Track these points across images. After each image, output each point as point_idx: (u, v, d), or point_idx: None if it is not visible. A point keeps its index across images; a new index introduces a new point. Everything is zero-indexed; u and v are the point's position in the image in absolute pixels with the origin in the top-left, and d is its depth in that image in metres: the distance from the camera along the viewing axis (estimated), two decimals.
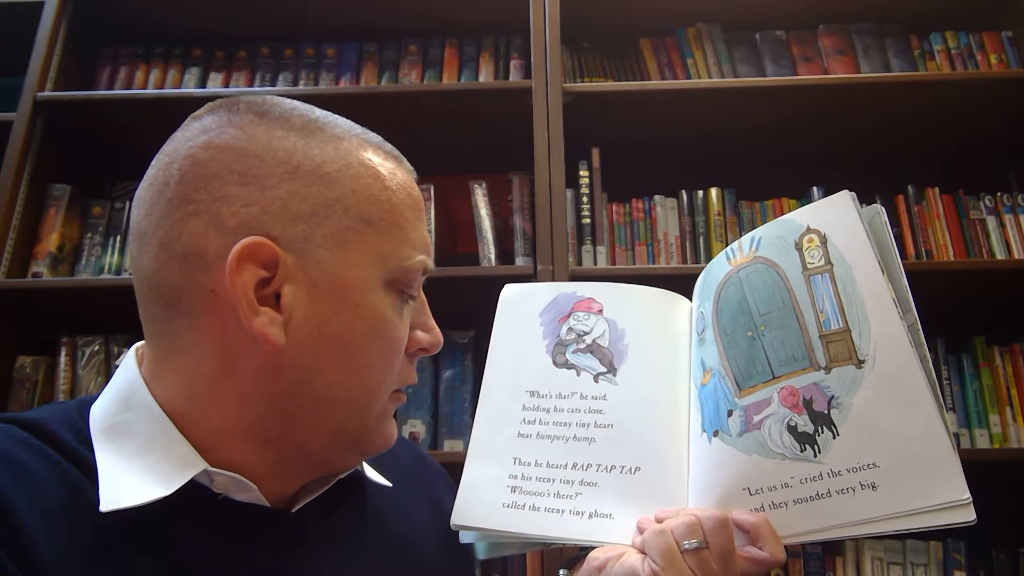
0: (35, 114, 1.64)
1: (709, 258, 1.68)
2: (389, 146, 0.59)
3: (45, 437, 0.51)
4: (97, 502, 0.48)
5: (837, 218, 0.63)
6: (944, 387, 1.60)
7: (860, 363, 0.59)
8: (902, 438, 0.56)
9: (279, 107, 0.55)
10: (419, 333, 0.59)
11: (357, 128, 0.58)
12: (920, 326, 0.59)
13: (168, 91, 1.81)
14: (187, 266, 0.51)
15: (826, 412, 0.58)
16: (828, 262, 0.62)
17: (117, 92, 1.81)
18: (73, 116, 1.70)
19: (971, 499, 0.53)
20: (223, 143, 0.52)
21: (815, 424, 0.58)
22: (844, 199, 0.64)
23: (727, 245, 1.83)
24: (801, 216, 0.65)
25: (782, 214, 1.67)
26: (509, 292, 0.76)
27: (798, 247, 0.64)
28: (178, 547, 0.50)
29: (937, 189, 1.69)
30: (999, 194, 1.70)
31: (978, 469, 1.49)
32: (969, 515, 0.53)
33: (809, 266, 0.63)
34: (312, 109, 0.57)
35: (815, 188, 1.71)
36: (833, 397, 0.58)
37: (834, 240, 0.62)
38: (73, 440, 0.52)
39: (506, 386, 0.71)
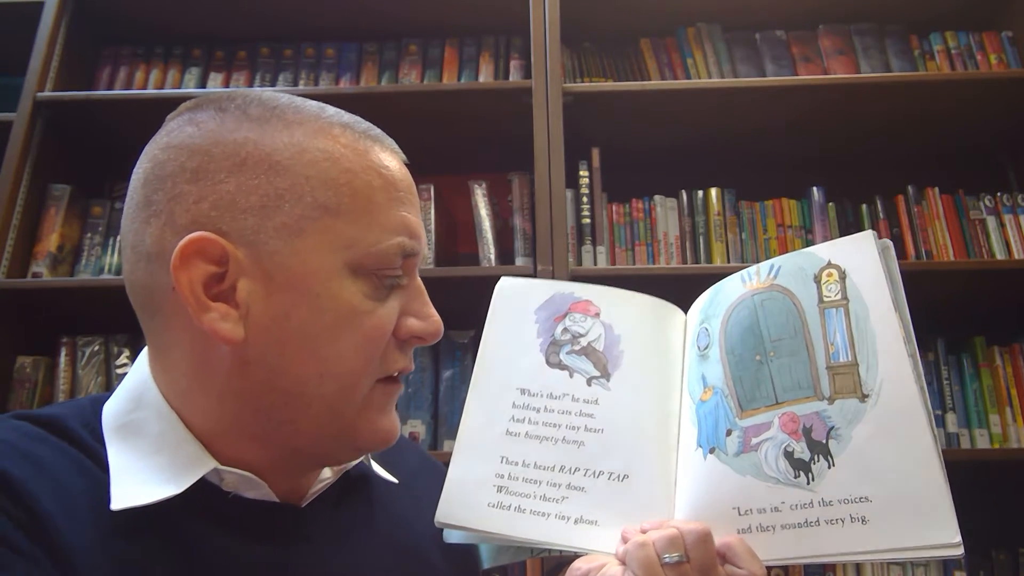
0: (35, 114, 1.64)
1: (709, 258, 1.70)
2: (364, 126, 0.57)
3: (61, 433, 0.52)
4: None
5: (858, 256, 0.64)
6: (944, 387, 1.60)
7: (864, 397, 0.59)
8: (898, 475, 0.56)
9: (239, 99, 0.54)
10: (411, 320, 0.56)
11: (328, 112, 0.56)
12: (919, 357, 0.60)
13: (168, 91, 1.81)
14: (152, 266, 0.52)
15: (824, 441, 0.59)
16: (845, 297, 0.63)
17: (117, 92, 1.81)
18: (73, 116, 1.70)
19: (961, 542, 0.53)
20: (179, 142, 0.53)
21: (812, 452, 0.59)
22: (866, 239, 0.65)
23: (727, 245, 1.82)
24: (823, 250, 0.66)
25: (782, 214, 1.69)
26: (505, 285, 0.75)
27: (816, 280, 0.65)
28: (190, 542, 0.51)
29: (937, 189, 1.69)
30: (999, 194, 1.70)
31: (978, 469, 1.50)
32: (957, 551, 0.53)
33: (825, 299, 0.64)
34: (277, 98, 0.55)
35: (815, 188, 1.70)
36: (833, 428, 0.59)
37: (853, 277, 0.64)
38: (88, 437, 0.53)
39: (497, 381, 0.70)
